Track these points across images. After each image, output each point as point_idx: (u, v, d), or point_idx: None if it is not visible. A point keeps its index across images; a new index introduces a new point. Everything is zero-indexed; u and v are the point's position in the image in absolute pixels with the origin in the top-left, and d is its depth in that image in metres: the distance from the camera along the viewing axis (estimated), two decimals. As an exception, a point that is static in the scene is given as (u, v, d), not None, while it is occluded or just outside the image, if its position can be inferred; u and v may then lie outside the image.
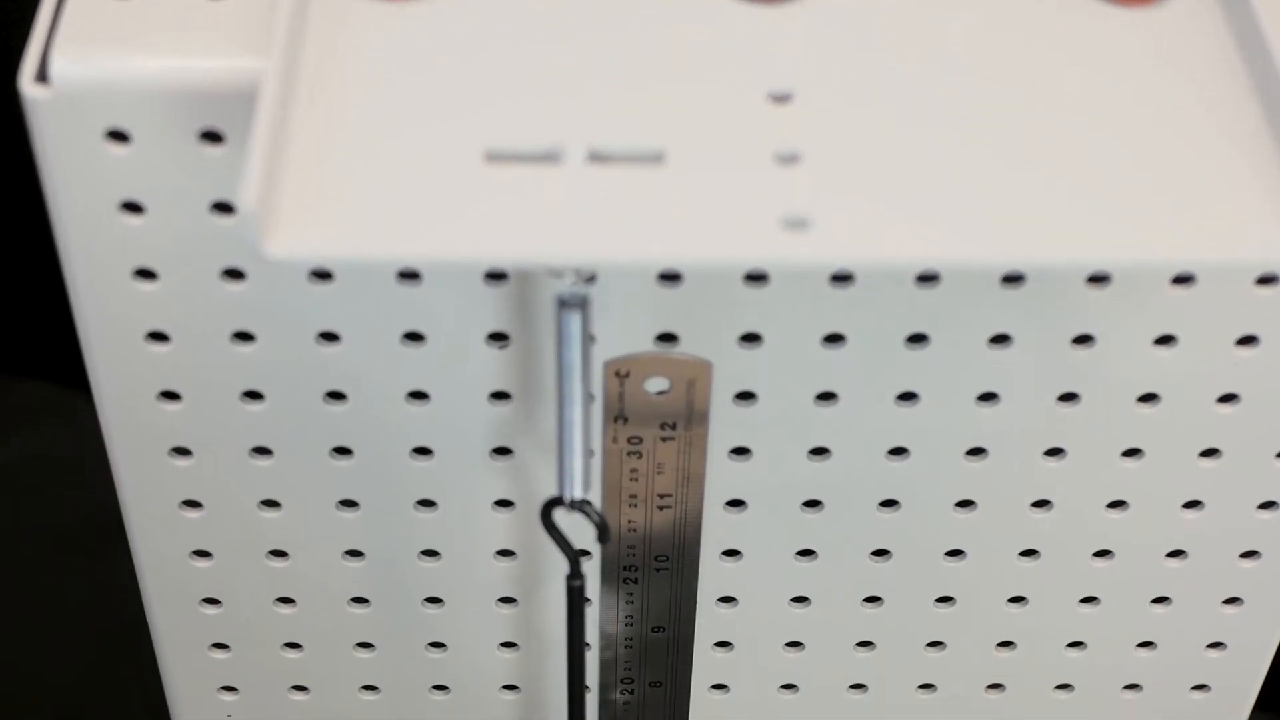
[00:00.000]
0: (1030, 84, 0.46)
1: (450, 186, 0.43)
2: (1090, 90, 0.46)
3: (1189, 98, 0.46)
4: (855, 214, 0.42)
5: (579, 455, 0.51)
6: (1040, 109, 0.45)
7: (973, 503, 0.59)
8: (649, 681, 0.64)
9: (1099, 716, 0.68)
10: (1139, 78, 0.46)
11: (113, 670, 1.08)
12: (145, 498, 0.59)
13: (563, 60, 0.46)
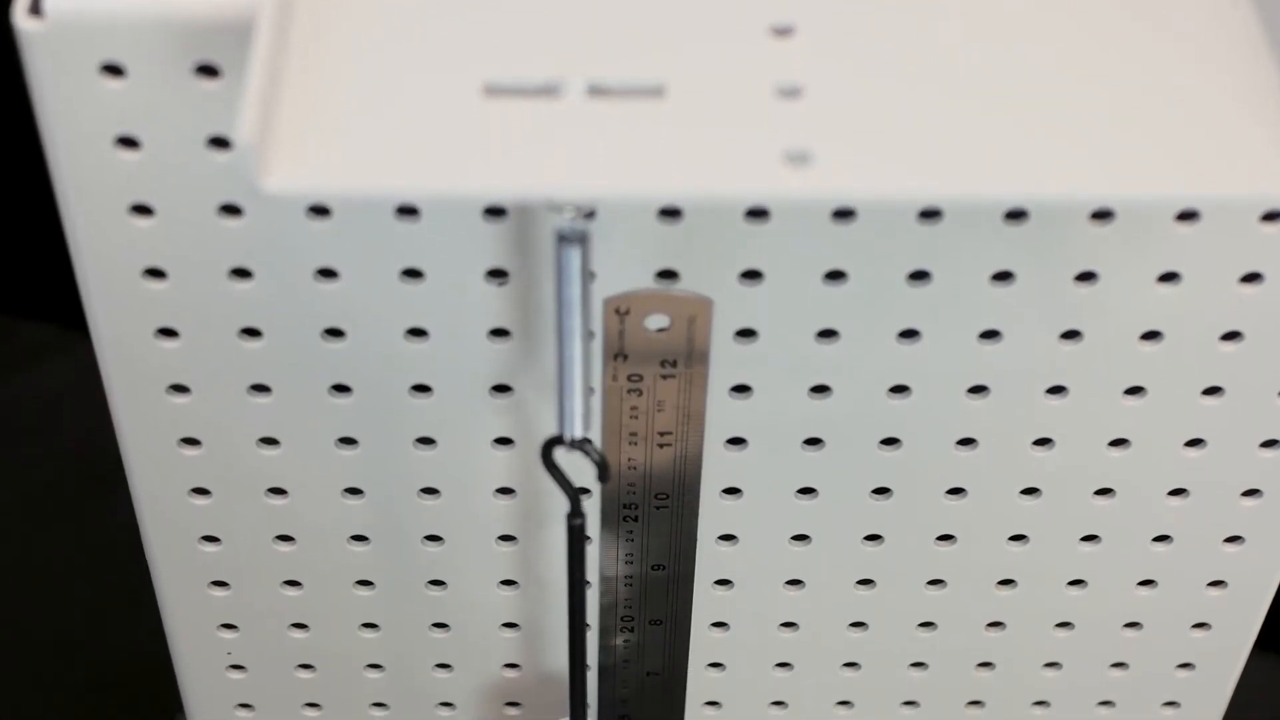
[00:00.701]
0: (1034, 18, 0.45)
1: (449, 120, 0.42)
2: (1094, 26, 0.45)
3: (1194, 34, 0.45)
4: (857, 148, 0.42)
5: (579, 393, 0.51)
6: (1044, 44, 0.45)
7: (974, 441, 0.59)
8: (649, 619, 0.64)
9: (1100, 655, 0.68)
10: (1143, 14, 0.46)
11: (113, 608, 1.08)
12: (143, 436, 0.59)
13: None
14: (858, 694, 0.69)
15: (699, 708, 0.70)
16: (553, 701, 0.68)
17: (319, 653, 0.67)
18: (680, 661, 0.66)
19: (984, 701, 0.70)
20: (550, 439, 0.53)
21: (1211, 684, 0.70)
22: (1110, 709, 0.70)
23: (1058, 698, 0.70)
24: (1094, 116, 0.43)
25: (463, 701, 0.69)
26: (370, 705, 0.69)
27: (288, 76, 0.42)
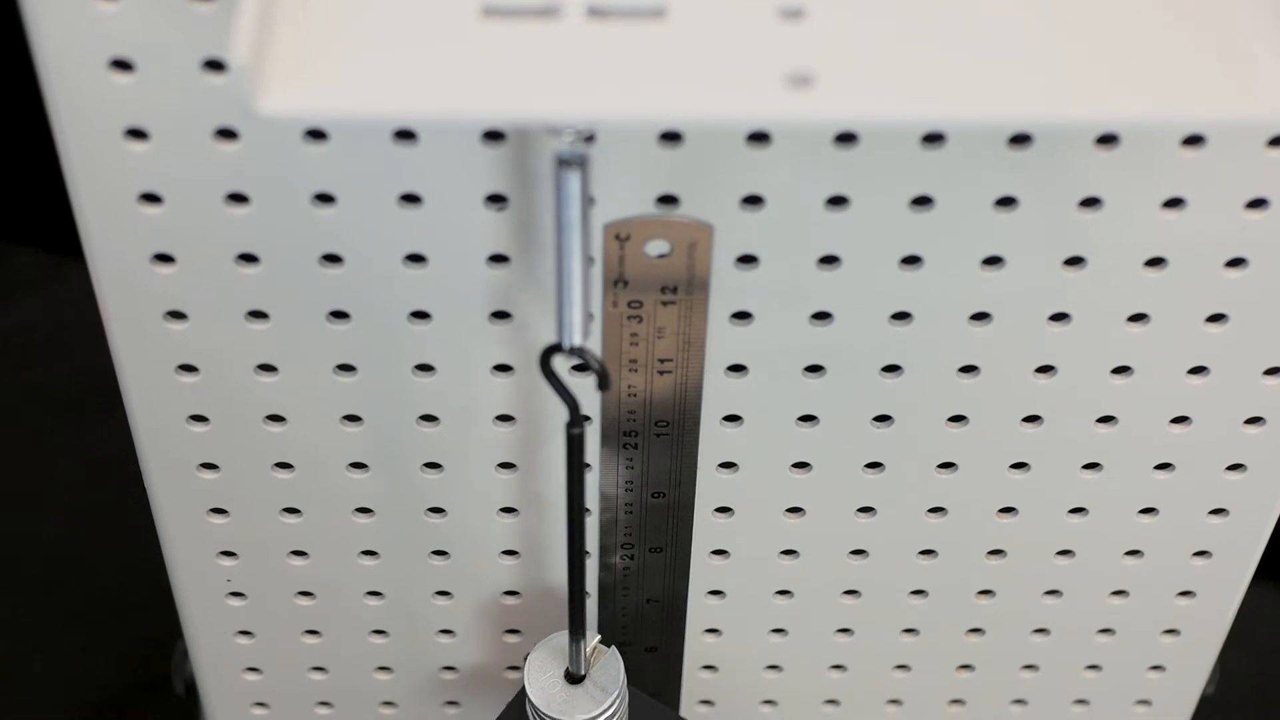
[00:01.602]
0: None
1: (447, 42, 0.42)
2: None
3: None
4: (860, 71, 0.42)
5: (578, 309, 0.50)
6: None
7: (976, 368, 0.59)
8: (649, 547, 0.64)
9: (1100, 582, 0.68)
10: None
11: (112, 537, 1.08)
12: (140, 363, 0.58)
13: (561, -88, 0.45)
14: (857, 621, 0.69)
15: (699, 635, 0.70)
16: (553, 629, 0.67)
17: (318, 580, 0.67)
18: (680, 588, 0.66)
19: (984, 629, 0.70)
20: (549, 346, 0.52)
21: (1212, 612, 0.70)
22: (1110, 636, 0.70)
23: (1058, 625, 0.70)
24: (1100, 41, 0.43)
25: (462, 629, 0.69)
26: (370, 632, 0.69)
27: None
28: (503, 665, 0.71)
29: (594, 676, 0.62)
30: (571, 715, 0.61)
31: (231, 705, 0.74)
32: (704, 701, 0.74)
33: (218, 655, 0.71)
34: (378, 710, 0.74)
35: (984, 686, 0.73)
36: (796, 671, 0.72)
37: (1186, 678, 0.73)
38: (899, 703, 0.74)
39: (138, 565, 0.94)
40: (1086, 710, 0.75)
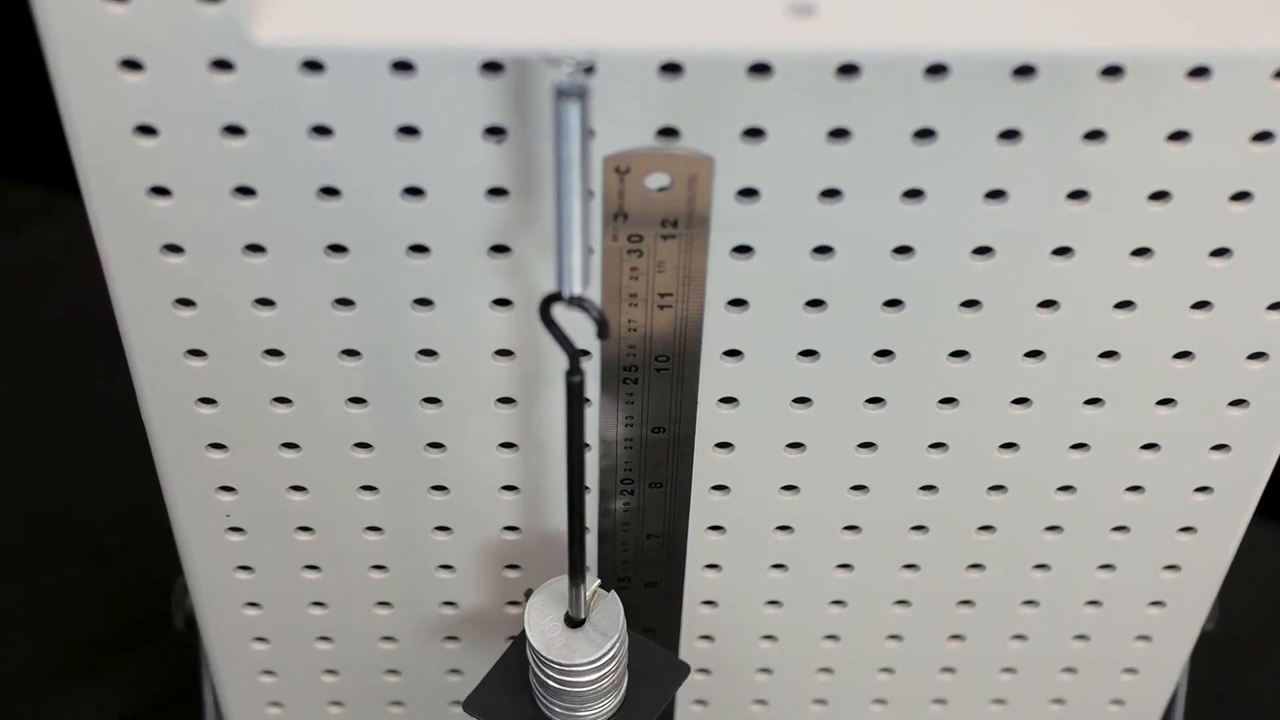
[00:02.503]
0: None
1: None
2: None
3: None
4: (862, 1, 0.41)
5: (578, 250, 0.50)
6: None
7: (978, 303, 0.58)
8: (649, 482, 0.64)
9: (1101, 519, 0.68)
10: None
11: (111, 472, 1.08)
12: (138, 297, 0.58)
13: None
14: (857, 558, 0.69)
15: (699, 570, 0.70)
16: (552, 564, 0.68)
17: (318, 516, 0.67)
18: (680, 524, 0.66)
19: (984, 565, 0.70)
20: (548, 295, 0.52)
21: (1212, 548, 0.70)
22: (1111, 572, 0.70)
23: (1058, 562, 0.70)
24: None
25: (462, 564, 0.69)
26: (370, 568, 0.69)
27: (278, -75, 0.41)
28: (502, 600, 0.71)
29: (594, 620, 0.62)
30: (571, 659, 0.62)
31: (231, 640, 0.74)
32: (704, 637, 0.74)
33: (217, 591, 0.71)
34: (378, 645, 0.74)
35: (984, 621, 0.73)
36: (796, 607, 0.72)
37: (1186, 614, 0.73)
38: (899, 639, 0.74)
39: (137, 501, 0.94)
40: (1086, 646, 0.75)
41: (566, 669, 0.62)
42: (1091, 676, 0.77)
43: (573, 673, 0.62)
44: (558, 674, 0.62)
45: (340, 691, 0.77)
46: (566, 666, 0.62)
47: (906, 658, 0.75)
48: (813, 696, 0.78)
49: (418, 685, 0.76)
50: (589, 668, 0.62)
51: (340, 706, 0.78)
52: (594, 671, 0.62)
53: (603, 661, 0.62)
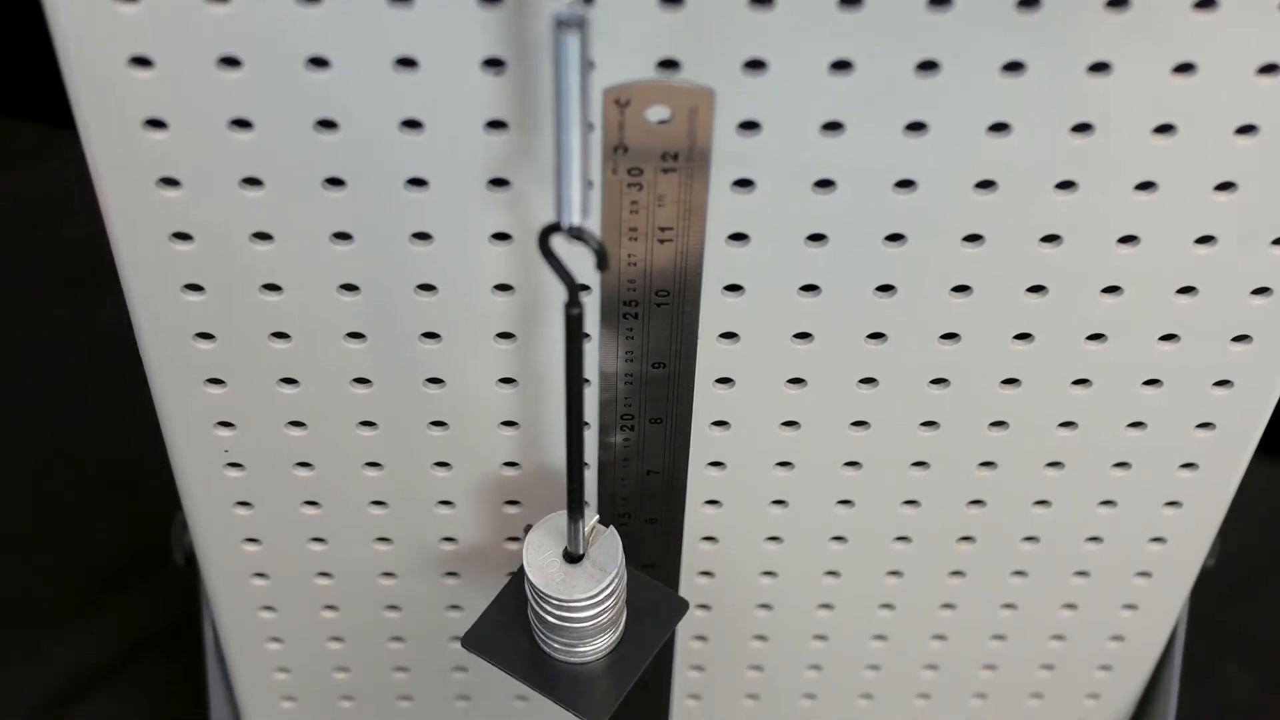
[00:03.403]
0: None
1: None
2: None
3: None
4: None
5: (576, 181, 0.49)
6: None
7: (980, 237, 0.58)
8: (649, 418, 0.64)
9: (1102, 454, 0.68)
10: None
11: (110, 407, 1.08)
12: (134, 231, 0.58)
13: None
14: (858, 493, 0.69)
15: (699, 507, 0.69)
16: (552, 499, 0.67)
17: (317, 451, 0.67)
18: (680, 460, 0.66)
19: (985, 501, 0.70)
20: (547, 226, 0.51)
21: (1214, 485, 0.69)
22: (1111, 508, 0.70)
23: (1059, 498, 0.70)
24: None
25: (462, 500, 0.69)
26: (369, 503, 0.69)
27: None
28: (502, 536, 0.71)
29: (592, 556, 0.62)
30: (570, 594, 0.61)
31: (231, 576, 0.74)
32: (704, 573, 0.74)
33: (216, 526, 0.71)
34: (377, 581, 0.74)
35: (984, 557, 0.73)
36: (796, 543, 0.72)
37: (1187, 550, 0.73)
38: (899, 574, 0.74)
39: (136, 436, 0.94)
40: (1087, 582, 0.75)
41: (565, 604, 0.62)
42: (1092, 612, 0.77)
43: (571, 608, 0.62)
44: (556, 610, 0.62)
45: (340, 627, 0.77)
46: (565, 602, 0.61)
47: (906, 594, 0.75)
48: (812, 632, 0.78)
49: (417, 621, 0.76)
50: (587, 603, 0.62)
51: (340, 642, 0.78)
52: (592, 607, 0.62)
53: (601, 597, 0.62)
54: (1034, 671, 0.81)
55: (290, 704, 0.82)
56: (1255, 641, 1.01)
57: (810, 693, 0.82)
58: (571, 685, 0.64)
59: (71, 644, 0.99)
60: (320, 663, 0.79)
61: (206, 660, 0.80)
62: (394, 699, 0.82)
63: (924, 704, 0.83)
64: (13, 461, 1.07)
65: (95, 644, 0.99)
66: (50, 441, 1.07)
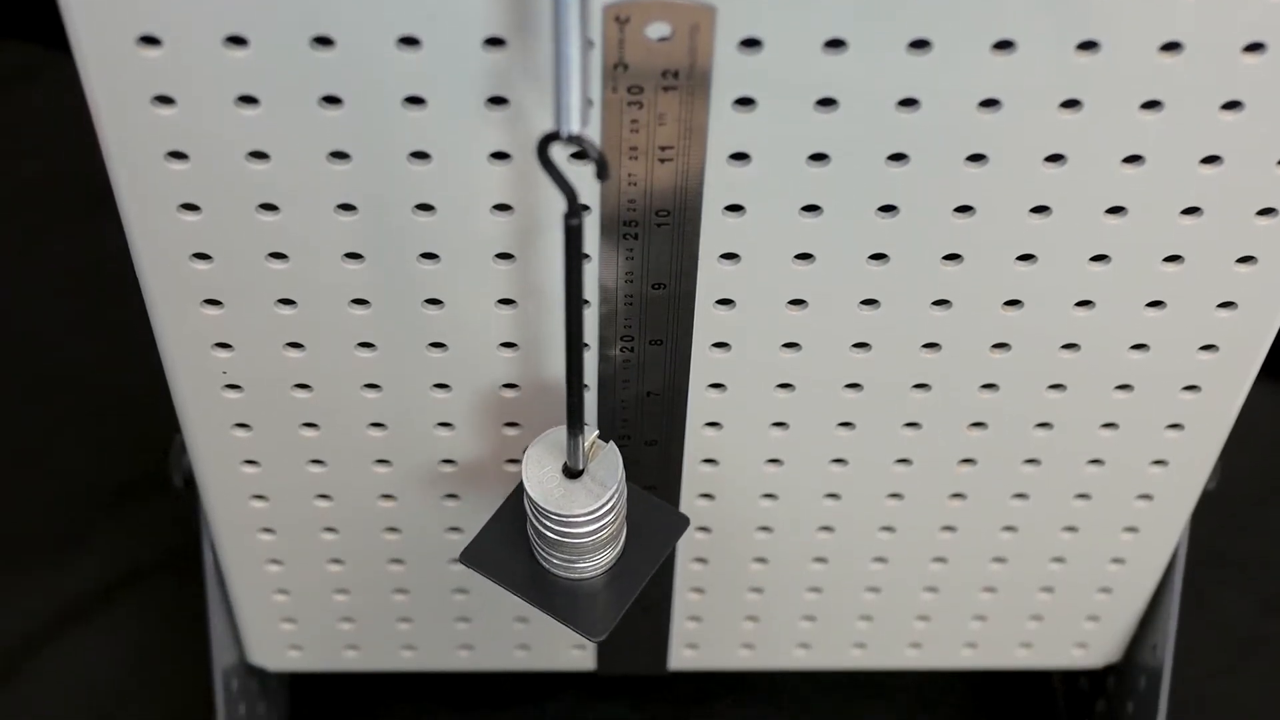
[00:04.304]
0: None
1: None
2: None
3: None
4: None
5: (576, 88, 0.49)
6: None
7: (984, 157, 0.57)
8: (649, 339, 0.63)
9: (1105, 376, 0.67)
10: None
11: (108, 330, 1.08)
12: (129, 150, 0.57)
13: None
14: (859, 415, 0.69)
15: (699, 429, 0.69)
16: (552, 422, 0.67)
17: (315, 373, 0.66)
18: (680, 382, 0.66)
19: (986, 423, 0.69)
20: (546, 135, 0.51)
21: (1216, 407, 0.69)
22: (1113, 430, 0.70)
23: (1061, 420, 0.69)
24: None
25: (461, 421, 0.69)
26: (368, 425, 0.69)
27: None
28: (501, 458, 0.71)
29: (592, 471, 0.62)
30: (570, 509, 0.61)
31: (230, 498, 0.73)
32: (704, 495, 0.73)
33: (215, 448, 0.70)
34: (376, 503, 0.74)
35: (985, 480, 0.73)
36: (797, 465, 0.71)
37: (1188, 473, 0.73)
38: (899, 497, 0.74)
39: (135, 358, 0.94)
40: (1088, 504, 0.74)
41: (564, 520, 0.61)
42: (1092, 535, 0.77)
43: (571, 524, 0.61)
44: (555, 525, 0.62)
45: (339, 549, 0.77)
46: (564, 517, 0.61)
47: (907, 516, 0.75)
48: (813, 555, 0.78)
49: (417, 543, 0.76)
50: (587, 519, 0.61)
51: (339, 564, 0.78)
52: (592, 523, 0.62)
53: (601, 512, 0.61)
54: (1034, 594, 0.81)
55: (290, 626, 0.83)
56: (1255, 567, 1.01)
57: (810, 615, 0.82)
58: (571, 601, 0.64)
59: (71, 568, 0.99)
60: (320, 585, 0.79)
61: (206, 583, 0.80)
62: (394, 621, 0.82)
63: (923, 626, 0.83)
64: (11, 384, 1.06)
65: (96, 568, 0.99)
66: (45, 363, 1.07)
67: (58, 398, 1.06)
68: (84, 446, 1.04)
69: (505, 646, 0.85)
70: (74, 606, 0.99)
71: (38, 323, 1.10)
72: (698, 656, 0.85)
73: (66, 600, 0.99)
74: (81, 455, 1.04)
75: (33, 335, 1.09)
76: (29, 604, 0.99)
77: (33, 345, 1.09)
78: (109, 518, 1.02)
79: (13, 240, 1.14)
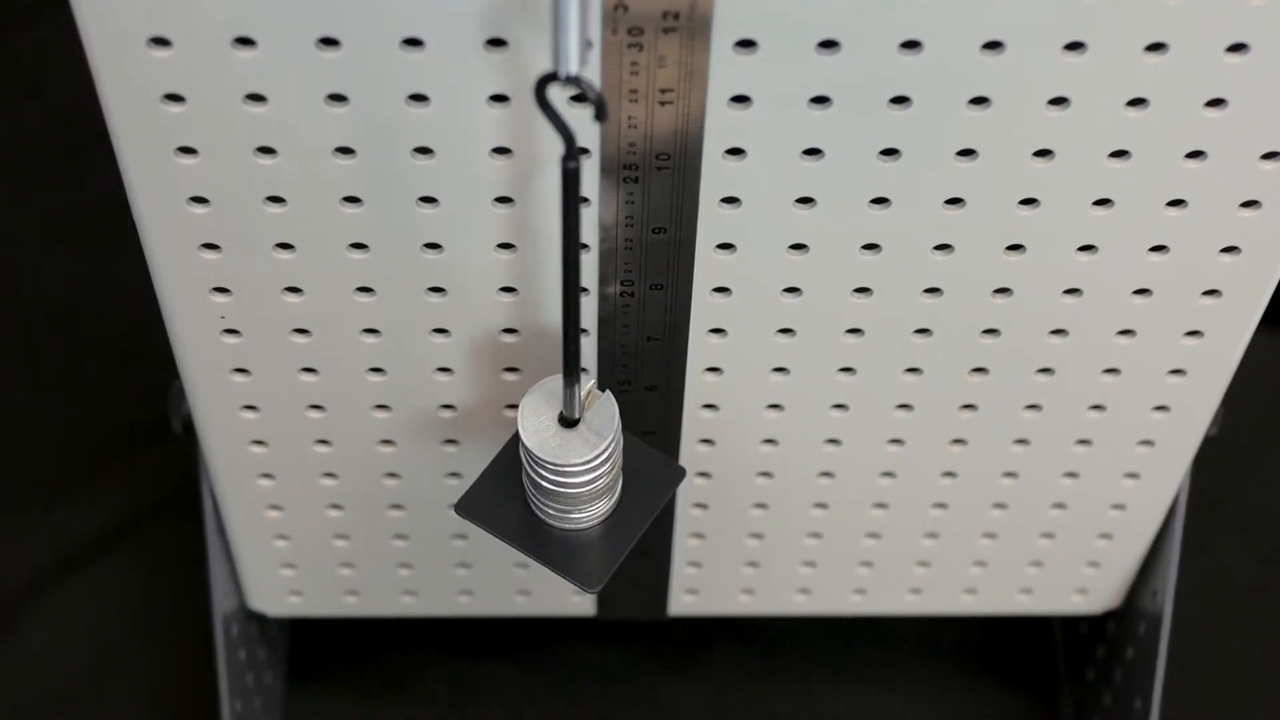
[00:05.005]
0: None
1: None
2: None
3: None
4: None
5: (574, 27, 0.48)
6: None
7: (987, 100, 0.57)
8: (649, 284, 0.63)
9: (1107, 322, 0.67)
10: None
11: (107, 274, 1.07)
12: (125, 92, 0.57)
13: None
14: (860, 360, 0.69)
15: (700, 373, 0.69)
16: (551, 367, 0.67)
17: (314, 318, 0.66)
18: (680, 326, 0.65)
19: (987, 368, 0.69)
20: (544, 75, 0.50)
21: (1219, 353, 0.69)
22: (1116, 376, 0.70)
23: (1062, 365, 0.69)
24: None
25: (460, 366, 0.68)
26: (367, 370, 0.69)
27: None
28: (501, 404, 0.70)
29: (588, 420, 0.62)
30: (565, 459, 0.61)
31: (229, 443, 0.73)
32: (704, 440, 0.73)
33: (213, 393, 0.70)
34: (376, 448, 0.74)
35: (986, 426, 0.72)
36: (797, 410, 0.71)
37: (1190, 419, 0.73)
38: (900, 442, 0.74)
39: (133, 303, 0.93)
40: (1089, 450, 0.74)
41: (560, 469, 0.61)
42: (1093, 481, 0.77)
43: (566, 473, 0.61)
44: (551, 475, 0.61)
45: (339, 494, 0.77)
46: (560, 467, 0.61)
47: (907, 462, 0.75)
48: (813, 500, 0.78)
49: (416, 488, 0.76)
50: (583, 468, 0.61)
51: (339, 509, 0.78)
52: (588, 472, 0.61)
53: (597, 462, 0.61)
54: (1034, 540, 0.81)
55: (290, 571, 0.83)
56: (1256, 514, 1.01)
57: (810, 560, 0.82)
58: (566, 551, 0.64)
59: (70, 514, 0.99)
60: (320, 530, 0.79)
61: (206, 528, 0.80)
62: (394, 566, 0.82)
63: (923, 572, 0.83)
64: (8, 329, 1.06)
65: (95, 514, 0.99)
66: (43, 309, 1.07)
67: (56, 343, 1.06)
68: (83, 392, 1.04)
69: (505, 592, 0.85)
70: (73, 553, 0.99)
71: (34, 267, 1.09)
72: (698, 602, 0.85)
73: (66, 546, 0.99)
74: (80, 401, 1.04)
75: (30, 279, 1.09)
76: (29, 549, 0.99)
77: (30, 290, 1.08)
78: (108, 464, 1.02)
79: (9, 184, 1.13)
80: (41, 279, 1.09)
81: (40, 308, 1.07)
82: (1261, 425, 1.04)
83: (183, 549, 0.95)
